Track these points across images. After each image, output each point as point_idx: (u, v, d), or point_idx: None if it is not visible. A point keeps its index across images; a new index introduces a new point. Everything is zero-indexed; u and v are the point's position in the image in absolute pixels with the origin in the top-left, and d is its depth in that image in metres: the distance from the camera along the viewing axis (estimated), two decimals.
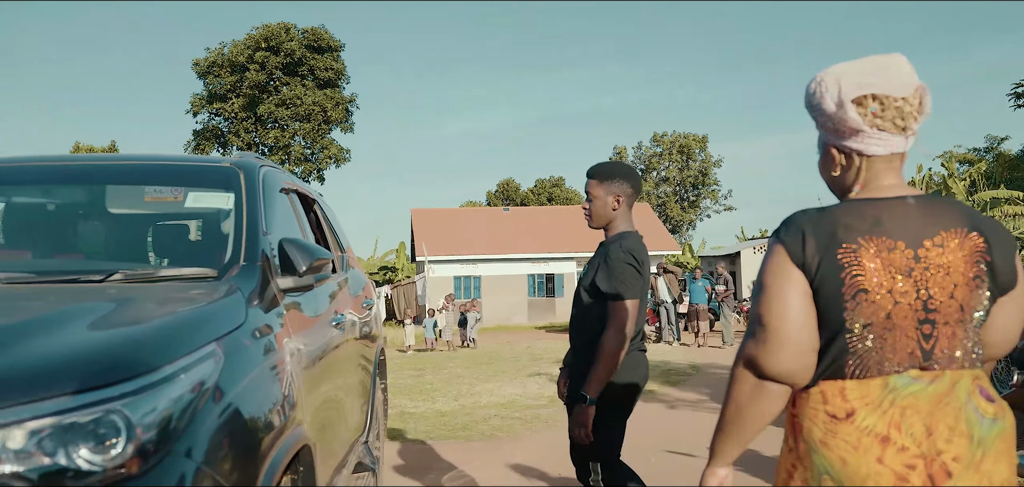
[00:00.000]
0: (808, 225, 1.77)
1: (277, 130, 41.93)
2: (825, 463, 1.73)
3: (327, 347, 3.46)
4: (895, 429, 1.69)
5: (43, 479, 1.62)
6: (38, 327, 1.99)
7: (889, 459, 1.68)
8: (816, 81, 1.85)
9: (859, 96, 1.78)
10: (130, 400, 1.77)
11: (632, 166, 3.69)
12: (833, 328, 1.75)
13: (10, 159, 3.76)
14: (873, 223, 1.75)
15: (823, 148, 1.91)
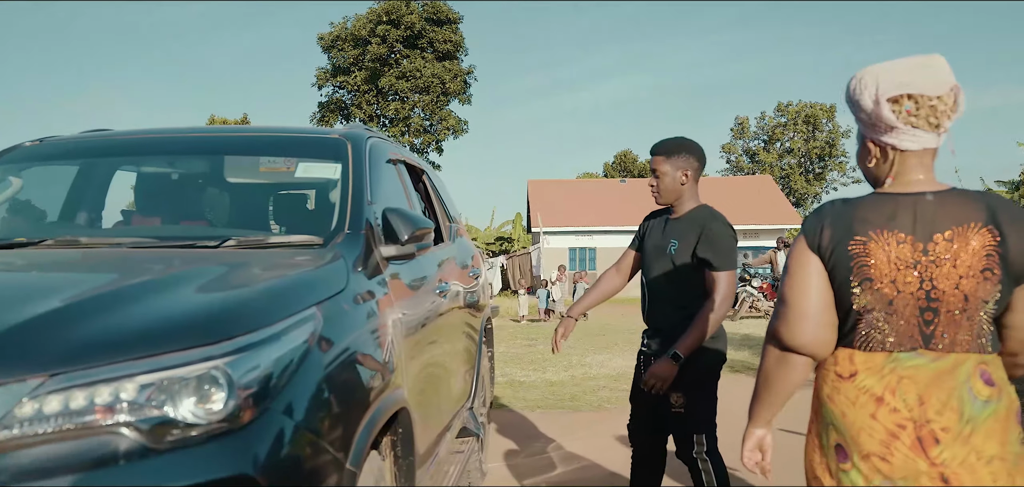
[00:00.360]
0: (829, 217, 2.01)
1: (397, 102, 42.85)
2: (830, 416, 2.01)
3: (430, 314, 3.54)
4: (890, 393, 1.93)
5: (151, 429, 1.74)
6: (152, 289, 2.12)
7: (881, 416, 1.93)
8: (856, 79, 2.01)
9: (896, 95, 1.93)
10: (232, 358, 1.88)
11: (697, 141, 3.69)
12: (844, 308, 2.00)
13: (139, 131, 4.01)
14: (888, 217, 1.95)
15: (861, 140, 2.08)
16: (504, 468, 5.66)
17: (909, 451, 1.91)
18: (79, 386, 1.71)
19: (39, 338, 1.77)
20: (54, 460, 1.65)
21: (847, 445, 1.98)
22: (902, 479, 1.91)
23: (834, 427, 2.01)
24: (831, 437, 2.01)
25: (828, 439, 2.02)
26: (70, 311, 1.90)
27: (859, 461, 1.96)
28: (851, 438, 1.97)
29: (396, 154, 4.15)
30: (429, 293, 3.62)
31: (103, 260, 2.66)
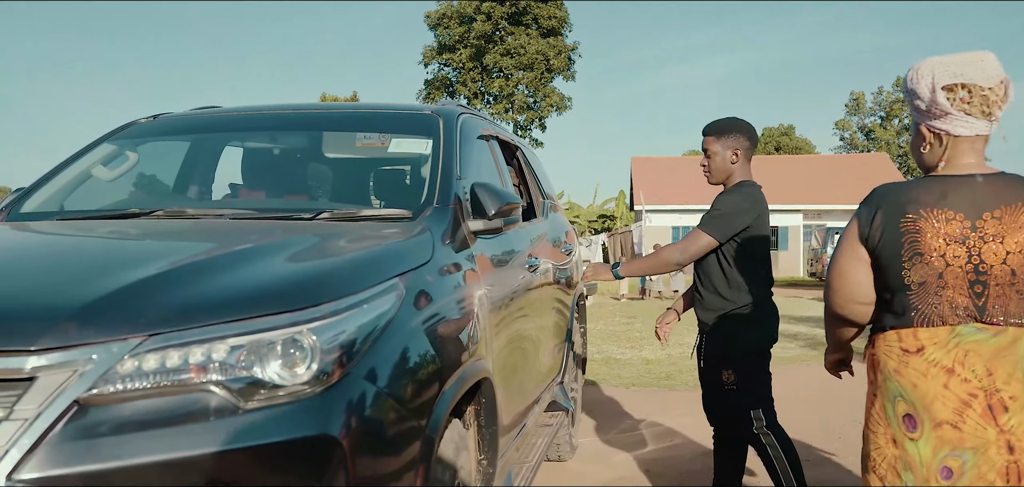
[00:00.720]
0: (883, 199, 2.18)
1: (502, 79, 43.11)
2: (898, 388, 2.16)
3: (518, 288, 3.59)
4: (959, 364, 2.08)
5: (240, 389, 1.84)
6: (245, 257, 2.24)
7: (953, 386, 2.08)
8: (913, 69, 2.18)
9: (950, 84, 2.10)
10: (317, 324, 1.96)
11: (748, 121, 3.79)
12: (895, 285, 2.16)
13: (245, 108, 4.19)
14: (939, 196, 2.10)
15: (916, 128, 2.25)
16: (595, 443, 5.69)
17: (980, 419, 2.06)
18: (174, 346, 1.82)
19: (139, 301, 1.90)
20: (151, 414, 1.77)
21: (918, 414, 2.11)
22: (972, 446, 2.06)
23: (903, 398, 2.15)
24: (899, 408, 2.16)
25: (895, 410, 2.17)
26: (169, 276, 2.03)
27: (930, 430, 2.09)
28: (924, 407, 2.10)
29: (488, 130, 4.20)
30: (517, 267, 3.67)
31: (204, 230, 2.81)
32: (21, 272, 2.24)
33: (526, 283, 3.76)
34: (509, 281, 3.45)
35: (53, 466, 1.68)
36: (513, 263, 3.61)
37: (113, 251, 2.52)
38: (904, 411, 2.14)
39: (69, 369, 1.75)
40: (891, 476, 2.17)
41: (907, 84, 2.21)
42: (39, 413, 1.70)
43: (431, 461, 2.23)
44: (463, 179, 3.26)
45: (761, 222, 3.70)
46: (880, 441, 2.21)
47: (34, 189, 3.56)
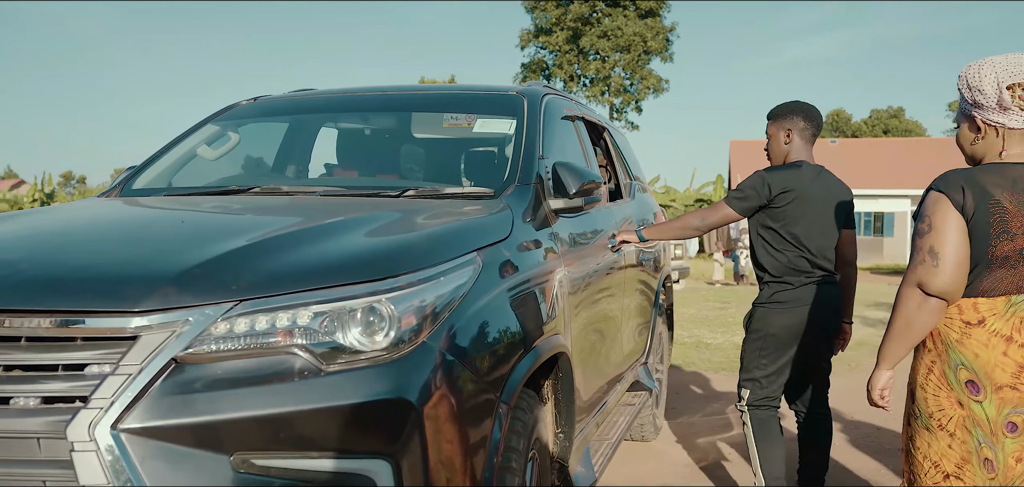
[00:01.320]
0: (965, 181, 2.34)
1: (598, 61, 42.85)
2: (960, 357, 2.37)
3: (599, 268, 3.63)
4: (1016, 332, 2.34)
5: (322, 353, 1.96)
6: (331, 230, 2.37)
7: (1012, 353, 2.34)
8: (975, 68, 2.41)
9: (1012, 83, 2.35)
10: (396, 294, 2.07)
11: (809, 103, 3.80)
12: (978, 258, 2.34)
13: (339, 90, 4.35)
14: (1012, 182, 2.34)
15: (969, 120, 2.47)
16: (680, 425, 5.68)
17: None
18: (263, 311, 1.96)
19: (232, 269, 2.04)
20: (241, 373, 1.91)
21: (980, 380, 2.36)
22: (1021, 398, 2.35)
23: (964, 366, 2.37)
24: (961, 375, 2.38)
25: (957, 376, 2.39)
26: (259, 247, 2.17)
27: (992, 393, 2.35)
28: (985, 374, 2.35)
29: (573, 111, 4.25)
30: (600, 247, 3.71)
31: (295, 206, 2.96)
32: (130, 242, 2.43)
33: (608, 263, 3.80)
34: (590, 260, 3.50)
35: (153, 418, 1.83)
36: (595, 242, 3.65)
37: (210, 224, 2.70)
38: (966, 378, 2.37)
39: (168, 330, 1.90)
40: (961, 432, 2.39)
41: (968, 81, 2.42)
42: (141, 369, 1.86)
43: (505, 429, 2.31)
44: (546, 158, 3.32)
45: (797, 203, 3.61)
46: (945, 403, 2.41)
47: (145, 167, 3.81)
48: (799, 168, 3.67)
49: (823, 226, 3.64)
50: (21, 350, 1.93)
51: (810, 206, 3.61)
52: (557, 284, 2.95)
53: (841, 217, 3.71)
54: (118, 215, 2.96)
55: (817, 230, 3.63)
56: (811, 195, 3.62)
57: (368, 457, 1.96)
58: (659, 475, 4.60)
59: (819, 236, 3.63)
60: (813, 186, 3.64)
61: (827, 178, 3.72)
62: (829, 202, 3.67)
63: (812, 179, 3.65)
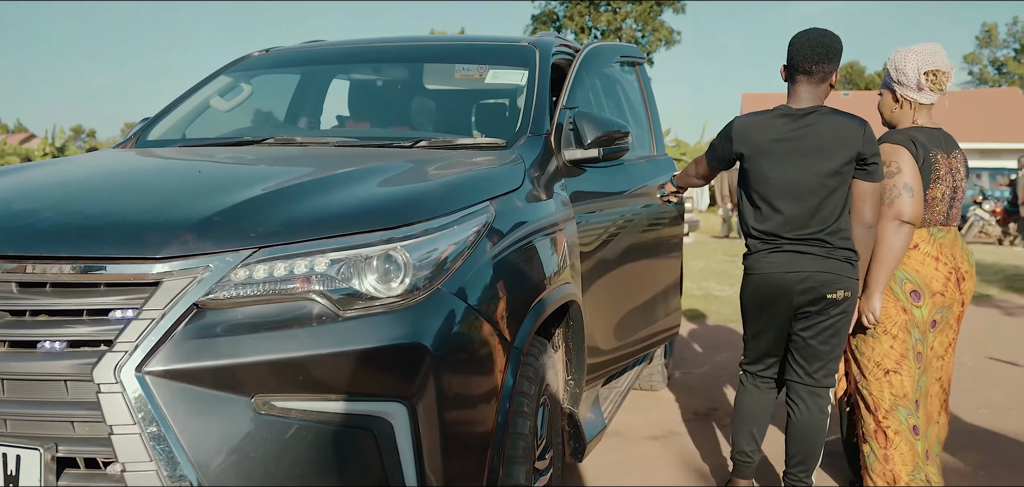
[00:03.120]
0: (911, 138, 3.20)
1: (610, 13, 42.45)
2: (905, 273, 3.23)
3: (614, 218, 3.64)
4: (939, 253, 3.24)
5: (339, 299, 2.01)
6: (346, 180, 2.41)
7: (940, 269, 3.23)
8: (903, 54, 3.28)
9: (927, 70, 3.22)
10: (410, 242, 2.11)
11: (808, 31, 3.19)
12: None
13: (351, 41, 4.36)
14: (936, 141, 3.26)
15: (891, 93, 3.36)
16: (689, 375, 5.75)
17: (954, 288, 3.25)
18: (281, 258, 2.00)
19: (250, 216, 2.08)
20: (260, 318, 1.96)
21: (921, 289, 3.21)
22: (947, 304, 3.25)
23: (909, 280, 3.22)
24: (906, 287, 3.22)
25: (902, 289, 3.22)
26: (276, 195, 2.21)
27: (928, 299, 3.22)
28: (925, 284, 3.21)
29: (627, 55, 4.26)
30: (615, 198, 3.71)
31: (310, 156, 3.00)
32: (149, 191, 2.48)
33: (624, 214, 3.79)
34: (604, 210, 3.52)
35: (176, 360, 1.88)
36: (610, 193, 3.65)
37: (228, 173, 2.75)
38: (911, 288, 3.21)
39: (189, 276, 1.95)
40: (902, 334, 3.22)
41: (895, 64, 3.29)
42: (164, 313, 1.91)
43: (517, 374, 2.37)
44: (573, 108, 3.29)
45: (765, 156, 3.15)
46: (891, 311, 3.22)
47: (159, 118, 3.84)
48: (768, 114, 3.21)
49: (804, 182, 3.08)
50: (46, 295, 1.98)
51: (782, 159, 3.10)
52: (570, 234, 2.98)
53: (836, 168, 3.06)
54: (136, 165, 3.00)
55: (789, 187, 3.10)
56: (784, 146, 3.11)
57: (385, 400, 2.01)
58: (667, 423, 4.67)
59: (791, 194, 3.10)
60: (791, 134, 3.11)
61: (822, 124, 3.09)
62: (815, 153, 3.07)
63: (791, 126, 3.12)
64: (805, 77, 3.15)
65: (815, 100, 3.16)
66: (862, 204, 3.14)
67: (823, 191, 3.08)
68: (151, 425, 1.86)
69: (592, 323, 3.21)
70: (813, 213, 3.10)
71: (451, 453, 2.11)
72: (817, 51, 3.11)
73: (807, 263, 3.11)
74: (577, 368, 3.07)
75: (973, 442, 4.41)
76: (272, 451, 1.92)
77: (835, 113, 3.13)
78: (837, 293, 3.11)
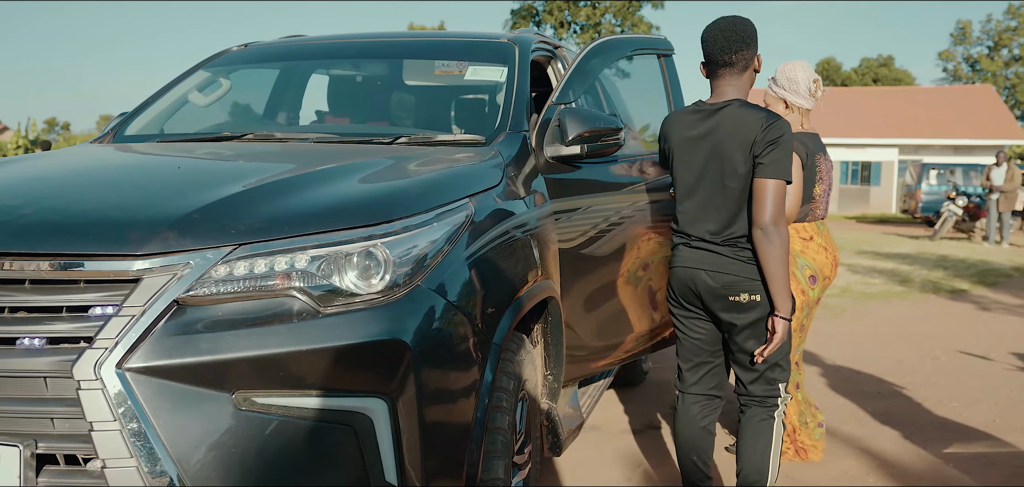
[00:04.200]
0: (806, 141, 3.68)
1: (589, 7, 42.50)
2: (804, 261, 3.79)
3: (594, 214, 3.64)
4: (827, 244, 3.88)
5: (320, 295, 2.02)
6: (326, 176, 2.42)
7: (828, 256, 3.84)
8: (791, 67, 3.82)
9: (812, 80, 3.80)
10: (390, 239, 2.13)
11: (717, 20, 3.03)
12: (807, 196, 3.76)
13: (330, 37, 4.36)
14: (817, 145, 3.80)
15: (782, 102, 3.84)
16: (666, 369, 5.80)
17: (834, 271, 3.89)
18: (262, 254, 2.01)
19: (231, 213, 2.09)
20: (240, 315, 1.97)
21: (817, 273, 3.80)
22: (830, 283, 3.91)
23: (808, 266, 3.78)
24: (806, 272, 3.78)
25: (803, 274, 3.78)
26: (257, 192, 2.22)
27: (821, 281, 3.82)
28: (819, 269, 3.80)
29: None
30: (604, 195, 3.70)
31: (290, 152, 3.00)
32: (129, 187, 2.48)
33: (604, 211, 3.78)
34: (593, 208, 3.52)
35: (156, 357, 1.89)
36: (591, 189, 3.64)
37: (207, 169, 2.75)
38: (809, 274, 3.78)
39: (169, 273, 1.95)
40: (798, 312, 3.70)
41: (787, 75, 3.79)
42: (144, 310, 1.92)
43: (496, 370, 2.40)
44: (554, 104, 3.29)
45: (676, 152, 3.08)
46: (794, 291, 3.56)
47: (137, 113, 3.83)
48: (687, 109, 3.10)
49: (707, 180, 2.97)
50: (25, 292, 1.98)
51: (691, 156, 3.01)
52: (549, 231, 3.01)
53: (734, 167, 2.90)
54: (114, 160, 2.99)
55: (695, 184, 3.01)
56: (693, 143, 3.00)
57: (365, 396, 2.03)
58: (644, 417, 4.72)
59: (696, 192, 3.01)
60: (700, 131, 2.98)
61: (727, 120, 2.92)
62: (716, 150, 2.94)
63: (701, 122, 2.99)
64: (725, 69, 2.97)
65: (739, 92, 2.98)
66: (754, 204, 2.86)
67: (723, 190, 2.93)
68: (131, 421, 1.86)
69: (574, 321, 3.24)
70: (716, 211, 2.96)
71: (431, 448, 2.13)
72: (731, 39, 2.93)
73: (710, 261, 2.97)
74: (555, 363, 3.10)
75: (944, 435, 4.50)
76: (253, 447, 1.93)
77: (745, 108, 2.92)
78: (740, 296, 2.92)
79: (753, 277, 2.92)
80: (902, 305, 9.12)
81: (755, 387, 3.06)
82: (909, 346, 6.82)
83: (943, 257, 14.31)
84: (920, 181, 23.48)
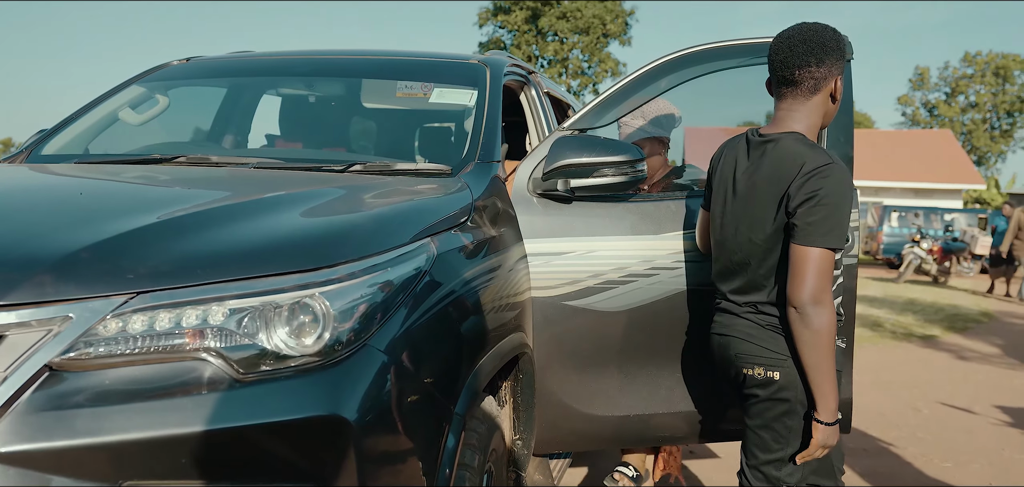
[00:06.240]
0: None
1: (557, 42, 42.51)
2: None
3: (600, 266, 3.26)
4: None
5: (239, 359, 1.61)
6: (258, 208, 1.99)
7: None
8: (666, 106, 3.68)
9: None
10: (331, 287, 1.72)
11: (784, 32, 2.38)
12: None
13: (282, 53, 3.96)
14: None
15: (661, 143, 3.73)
16: None
17: None
18: (166, 306, 1.59)
19: (130, 253, 1.66)
20: (134, 384, 1.54)
21: None
22: None
23: None
24: None
25: None
26: (167, 226, 1.79)
27: None
28: None
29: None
30: (605, 238, 3.30)
31: (221, 179, 2.58)
32: (8, 217, 1.98)
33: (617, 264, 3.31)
34: (589, 255, 3.09)
35: (17, 440, 1.45)
36: (601, 234, 3.21)
37: (113, 197, 2.29)
38: None
39: (42, 328, 1.53)
40: None
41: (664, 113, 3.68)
42: (4, 378, 1.48)
43: (459, 444, 1.99)
44: (565, 129, 2.88)
45: (715, 196, 2.53)
46: None
47: (59, 130, 3.39)
48: (734, 137, 2.53)
49: (738, 230, 2.39)
50: None
51: (723, 191, 2.48)
52: (520, 274, 2.63)
53: (761, 217, 2.31)
54: (9, 185, 2.53)
55: (720, 230, 2.47)
56: (730, 182, 2.45)
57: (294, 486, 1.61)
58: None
59: (727, 243, 2.44)
60: (736, 163, 2.44)
61: (768, 157, 2.32)
62: (749, 195, 2.36)
63: (744, 159, 2.41)
64: (786, 89, 2.35)
65: (802, 122, 2.33)
66: (789, 275, 2.23)
67: (749, 244, 2.35)
68: None
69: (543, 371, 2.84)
70: (740, 268, 2.40)
71: None
72: (797, 51, 2.29)
73: (732, 326, 2.42)
74: (526, 426, 2.71)
75: None
76: None
77: (796, 143, 2.28)
78: (754, 370, 2.33)
79: (776, 351, 2.30)
80: (875, 351, 8.86)
81: (752, 477, 2.41)
82: (887, 395, 6.53)
83: (911, 300, 14.17)
84: (882, 223, 23.54)
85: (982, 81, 54.22)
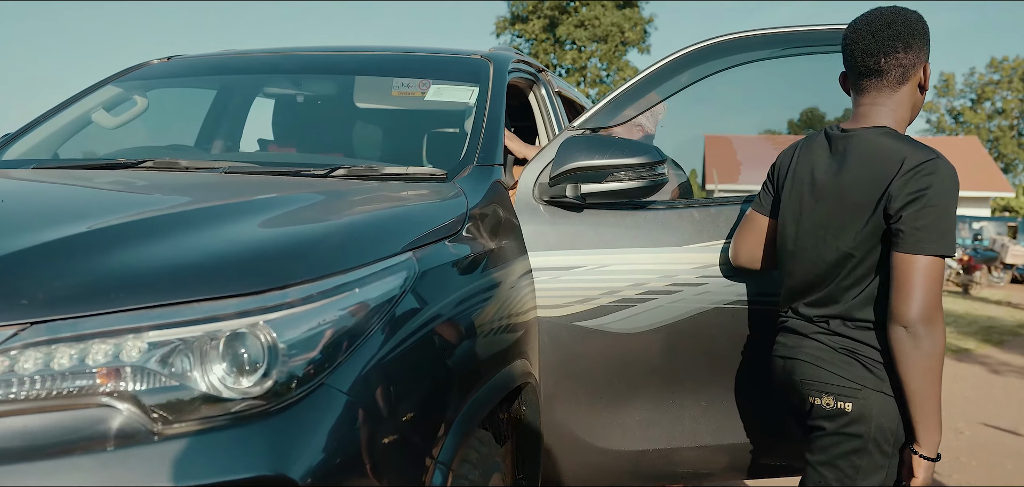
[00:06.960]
0: None
1: (574, 51, 42.20)
2: None
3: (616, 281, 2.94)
4: None
5: (160, 404, 1.28)
6: (206, 218, 1.67)
7: None
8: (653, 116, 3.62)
9: None
10: (280, 314, 1.39)
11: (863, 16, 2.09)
12: None
13: (271, 50, 3.67)
14: None
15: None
16: None
17: None
18: (67, 339, 1.27)
19: (25, 273, 1.34)
20: (24, 439, 1.22)
21: None
22: None
23: None
24: None
25: None
26: (78, 242, 1.46)
27: None
28: None
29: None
30: (621, 252, 2.97)
31: (181, 185, 2.26)
32: None
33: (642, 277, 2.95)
34: (602, 269, 2.76)
35: None
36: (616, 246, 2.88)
37: (34, 208, 1.92)
38: None
39: None
40: None
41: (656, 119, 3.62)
42: None
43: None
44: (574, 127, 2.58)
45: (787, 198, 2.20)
46: None
47: (24, 132, 3.11)
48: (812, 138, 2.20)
49: (821, 236, 2.07)
50: None
51: (795, 193, 2.16)
52: (523, 292, 2.30)
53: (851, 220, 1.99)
54: None
55: (794, 239, 2.15)
56: (799, 177, 2.16)
57: None
58: None
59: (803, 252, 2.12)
60: (812, 163, 2.13)
61: (854, 152, 2.02)
62: (833, 195, 2.05)
63: (823, 156, 2.11)
64: (869, 81, 2.04)
65: (890, 116, 2.03)
66: (895, 289, 1.91)
67: (829, 251, 2.04)
68: None
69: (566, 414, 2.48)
70: (817, 280, 2.08)
71: None
72: (881, 38, 2.00)
73: (800, 348, 2.11)
74: (530, 464, 2.38)
75: None
76: None
77: (886, 137, 1.99)
78: (822, 399, 2.02)
79: (850, 379, 1.99)
80: None
81: None
82: None
83: (944, 312, 13.73)
84: None
85: (1009, 87, 53.45)
